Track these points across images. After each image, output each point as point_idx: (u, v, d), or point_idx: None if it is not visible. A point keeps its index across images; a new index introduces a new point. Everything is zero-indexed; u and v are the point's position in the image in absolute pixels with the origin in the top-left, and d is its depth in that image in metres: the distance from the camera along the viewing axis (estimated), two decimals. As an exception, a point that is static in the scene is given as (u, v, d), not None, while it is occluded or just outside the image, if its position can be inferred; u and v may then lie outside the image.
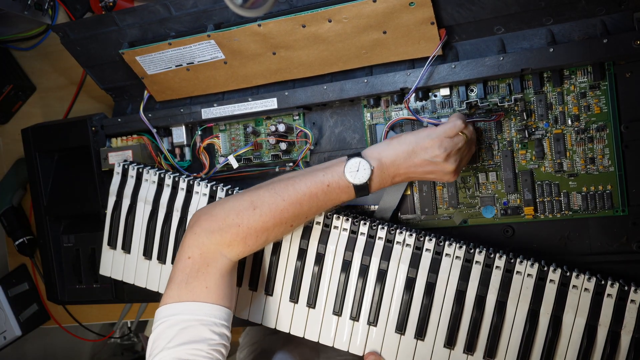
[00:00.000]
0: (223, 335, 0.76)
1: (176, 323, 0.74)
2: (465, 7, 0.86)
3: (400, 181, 0.85)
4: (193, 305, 0.76)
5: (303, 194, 0.81)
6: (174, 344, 0.72)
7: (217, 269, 0.79)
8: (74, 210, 1.16)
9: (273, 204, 0.81)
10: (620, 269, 0.87)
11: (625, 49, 0.80)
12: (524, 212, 0.90)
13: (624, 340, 0.80)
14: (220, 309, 0.77)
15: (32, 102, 1.34)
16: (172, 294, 0.77)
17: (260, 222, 0.80)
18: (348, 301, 0.89)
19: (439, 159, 0.81)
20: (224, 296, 0.78)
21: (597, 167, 0.87)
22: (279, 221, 0.81)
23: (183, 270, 0.78)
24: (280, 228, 0.82)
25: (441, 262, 0.86)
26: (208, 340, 0.73)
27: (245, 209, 0.80)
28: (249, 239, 0.80)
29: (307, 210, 0.83)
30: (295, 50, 0.94)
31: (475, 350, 0.84)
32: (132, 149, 1.07)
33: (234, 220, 0.79)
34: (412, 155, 0.82)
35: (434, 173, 0.83)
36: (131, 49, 1.01)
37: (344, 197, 0.83)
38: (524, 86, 0.90)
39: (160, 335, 0.74)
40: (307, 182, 0.82)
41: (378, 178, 0.82)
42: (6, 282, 1.29)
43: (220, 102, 1.02)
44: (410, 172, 0.83)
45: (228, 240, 0.79)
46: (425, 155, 0.81)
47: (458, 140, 0.82)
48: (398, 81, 0.91)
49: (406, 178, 0.84)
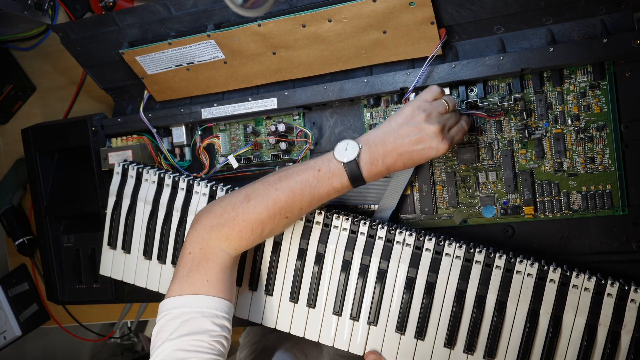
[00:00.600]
0: (224, 327, 0.78)
1: (178, 315, 0.76)
2: (465, 7, 0.86)
3: (392, 163, 0.81)
4: (194, 298, 0.78)
5: (295, 182, 0.81)
6: (176, 335, 0.74)
7: (217, 263, 0.80)
8: (74, 210, 1.16)
9: (266, 194, 0.81)
10: (620, 268, 0.87)
11: (625, 49, 0.80)
12: (524, 211, 0.90)
13: (624, 340, 0.80)
14: (221, 302, 0.79)
15: (32, 102, 1.34)
16: (175, 288, 0.79)
17: (254, 213, 0.81)
18: (348, 301, 0.89)
19: (420, 119, 0.79)
20: (224, 289, 0.80)
21: (597, 167, 0.87)
22: (272, 212, 0.81)
23: (184, 265, 0.80)
24: (274, 219, 0.82)
25: (441, 261, 0.86)
26: (209, 332, 0.75)
27: (240, 203, 0.82)
28: (245, 232, 0.81)
29: (300, 199, 0.82)
30: (295, 50, 0.94)
31: (475, 349, 0.84)
32: (132, 149, 1.07)
33: (230, 214, 0.81)
34: (396, 129, 0.81)
35: (422, 141, 0.80)
36: (131, 49, 1.01)
37: (336, 183, 0.81)
38: (524, 86, 0.90)
39: (163, 327, 0.76)
40: (299, 170, 0.82)
41: (368, 157, 0.80)
42: (6, 282, 1.29)
43: (220, 102, 1.02)
44: (398, 145, 0.80)
45: (225, 234, 0.81)
46: (408, 122, 0.80)
47: (437, 104, 0.82)
48: (398, 81, 0.91)
49: (397, 156, 0.81)
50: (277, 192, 0.81)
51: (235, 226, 0.81)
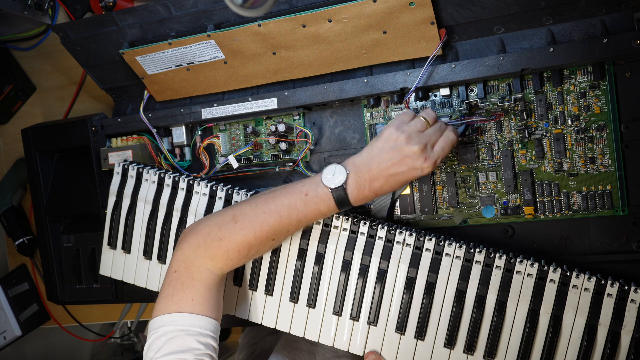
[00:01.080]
0: (209, 345, 0.78)
1: (164, 334, 0.77)
2: (465, 7, 0.86)
3: (379, 187, 0.82)
4: (179, 316, 0.78)
5: (282, 205, 0.82)
6: (161, 354, 0.75)
7: (202, 282, 0.81)
8: (74, 210, 1.16)
9: (253, 216, 0.82)
10: (620, 268, 0.87)
11: (625, 49, 0.80)
12: (524, 211, 0.90)
13: (624, 340, 0.80)
14: (207, 320, 0.79)
15: (32, 102, 1.34)
16: (160, 307, 0.80)
17: (240, 235, 0.81)
18: (348, 301, 0.89)
19: (401, 142, 0.79)
20: (210, 308, 0.80)
21: (597, 167, 0.87)
22: (259, 235, 0.82)
23: (169, 283, 0.81)
24: (261, 242, 0.83)
25: (441, 261, 0.86)
26: (194, 350, 0.75)
27: (227, 223, 0.82)
28: (231, 253, 0.82)
29: (287, 222, 0.82)
30: (295, 50, 0.94)
31: (475, 350, 0.84)
32: (132, 149, 1.07)
33: (217, 234, 0.81)
34: (378, 154, 0.81)
35: (404, 163, 0.80)
36: (131, 49, 1.01)
37: (324, 207, 0.82)
38: (524, 86, 0.90)
39: (150, 346, 0.77)
40: (287, 194, 0.82)
41: (355, 183, 0.80)
42: (6, 282, 1.29)
43: (220, 102, 1.02)
44: (382, 169, 0.80)
45: (211, 253, 0.81)
46: (389, 144, 0.80)
47: (416, 122, 0.82)
48: (398, 81, 0.91)
49: (384, 180, 0.81)
50: (265, 215, 0.82)
51: (221, 247, 0.81)
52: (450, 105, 0.94)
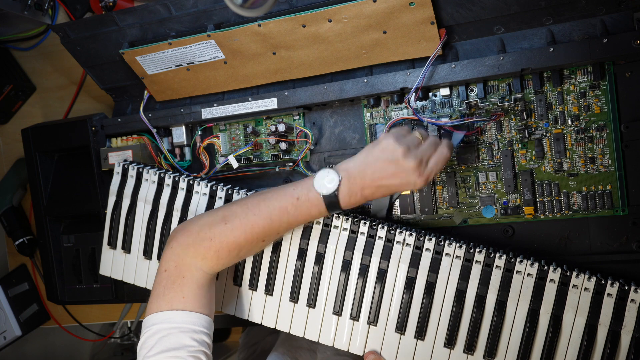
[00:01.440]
0: (203, 342, 0.78)
1: (156, 332, 0.77)
2: (465, 7, 0.86)
3: (370, 194, 0.82)
4: (172, 313, 0.78)
5: (273, 208, 0.82)
6: (154, 352, 0.75)
7: (193, 280, 0.81)
8: (74, 210, 1.16)
9: (244, 218, 0.82)
10: (620, 268, 0.87)
11: (625, 49, 0.80)
12: (524, 211, 0.90)
13: (624, 340, 0.80)
14: (199, 316, 0.79)
15: (32, 102, 1.34)
16: (152, 305, 0.80)
17: (231, 236, 0.81)
18: (348, 301, 0.89)
19: (399, 154, 0.79)
20: (202, 305, 0.80)
21: (597, 167, 0.87)
22: (249, 236, 0.82)
23: (160, 282, 0.81)
24: (251, 243, 0.83)
25: (441, 261, 0.86)
26: (187, 347, 0.75)
27: (217, 223, 0.82)
28: (222, 253, 0.82)
29: (277, 225, 0.83)
30: (295, 50, 0.94)
31: (475, 350, 0.84)
32: (132, 149, 1.07)
33: (207, 234, 0.81)
34: (373, 162, 0.80)
35: (399, 176, 0.80)
36: (131, 49, 1.01)
37: (315, 211, 0.82)
38: (524, 86, 0.90)
39: (143, 345, 0.77)
40: (278, 196, 0.82)
41: (347, 189, 0.80)
42: (6, 282, 1.29)
43: (220, 102, 1.02)
44: (376, 179, 0.80)
45: (202, 253, 0.81)
46: (385, 155, 0.80)
47: (413, 137, 0.82)
48: (398, 81, 0.91)
49: (375, 188, 0.81)
50: (255, 217, 0.82)
51: (212, 247, 0.81)
52: (450, 105, 0.94)
